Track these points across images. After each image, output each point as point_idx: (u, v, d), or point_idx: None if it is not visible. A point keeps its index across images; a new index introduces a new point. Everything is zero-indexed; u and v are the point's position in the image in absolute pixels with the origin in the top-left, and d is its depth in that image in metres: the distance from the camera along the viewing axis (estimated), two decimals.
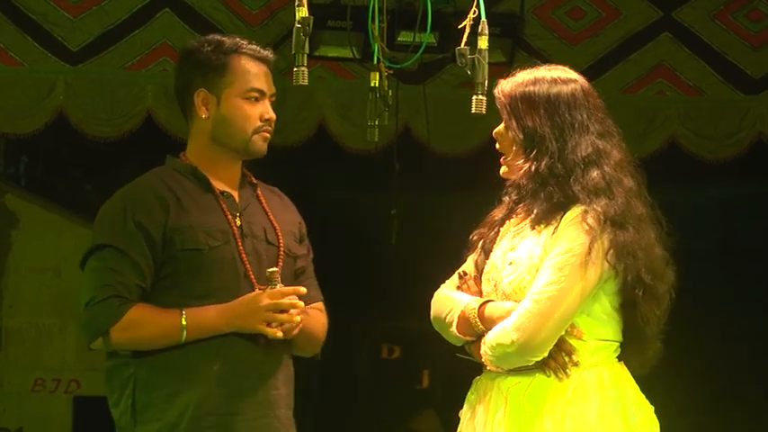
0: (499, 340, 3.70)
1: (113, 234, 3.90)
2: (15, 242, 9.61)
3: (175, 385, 3.88)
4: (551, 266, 3.70)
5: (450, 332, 3.82)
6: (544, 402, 3.72)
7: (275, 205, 4.13)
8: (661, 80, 7.42)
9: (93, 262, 3.92)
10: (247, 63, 4.01)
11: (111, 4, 7.15)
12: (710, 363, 8.75)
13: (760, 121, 7.43)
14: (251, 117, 4.00)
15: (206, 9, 7.16)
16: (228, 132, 4.01)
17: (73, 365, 9.57)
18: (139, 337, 3.86)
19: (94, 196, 9.52)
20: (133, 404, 3.90)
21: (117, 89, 7.20)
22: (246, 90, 4.00)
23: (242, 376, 3.93)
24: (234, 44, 4.02)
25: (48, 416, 9.44)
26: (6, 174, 9.69)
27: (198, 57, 4.02)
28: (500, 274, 3.83)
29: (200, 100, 4.01)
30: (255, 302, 3.90)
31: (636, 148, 7.29)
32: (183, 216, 3.90)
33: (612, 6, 7.38)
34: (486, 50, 3.50)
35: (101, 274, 3.89)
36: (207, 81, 4.00)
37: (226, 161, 4.04)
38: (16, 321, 9.58)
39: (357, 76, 6.95)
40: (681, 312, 3.84)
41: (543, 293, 3.67)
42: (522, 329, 3.66)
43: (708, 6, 7.38)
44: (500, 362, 3.74)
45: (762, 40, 7.41)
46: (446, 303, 3.85)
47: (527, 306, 3.67)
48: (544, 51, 7.33)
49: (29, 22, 7.09)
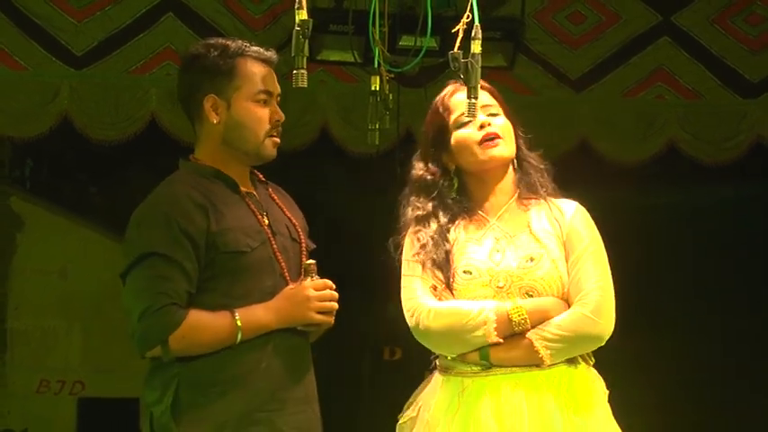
0: (583, 329, 3.79)
1: (159, 241, 3.83)
2: (21, 244, 9.62)
3: (222, 385, 3.85)
4: (592, 255, 3.85)
5: (474, 336, 3.80)
6: (590, 390, 3.85)
7: (286, 203, 4.14)
8: (660, 84, 7.42)
9: (142, 271, 3.83)
10: (253, 65, 4.00)
11: (115, 9, 7.15)
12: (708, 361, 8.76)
13: (758, 124, 7.44)
14: (262, 119, 3.99)
15: (209, 13, 7.16)
16: (241, 136, 3.99)
17: (78, 367, 9.58)
18: (198, 343, 3.83)
19: (99, 199, 9.54)
20: (176, 403, 3.85)
21: (121, 93, 7.20)
22: (256, 92, 3.98)
23: (285, 372, 3.93)
24: (238, 47, 4.00)
25: (52, 417, 9.44)
26: (12, 177, 9.70)
27: (204, 62, 3.99)
28: (516, 273, 3.84)
29: (209, 105, 3.98)
30: (302, 294, 3.91)
31: (636, 151, 7.42)
32: (222, 219, 3.89)
33: (612, 11, 7.38)
34: (480, 55, 3.49)
35: (153, 282, 3.81)
36: (215, 86, 3.97)
37: (237, 164, 4.03)
38: (21, 323, 9.59)
39: (359, 80, 6.96)
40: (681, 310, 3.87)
41: (602, 281, 3.82)
42: (606, 315, 3.80)
43: (707, 10, 7.38)
44: (572, 350, 3.82)
45: (760, 44, 7.41)
46: (461, 313, 3.82)
47: (598, 294, 3.80)
48: (545, 55, 7.33)
49: (33, 26, 7.10)
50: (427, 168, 4.01)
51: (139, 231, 3.87)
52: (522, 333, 3.80)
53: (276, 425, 3.88)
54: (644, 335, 7.33)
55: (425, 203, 3.98)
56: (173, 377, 3.85)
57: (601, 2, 7.38)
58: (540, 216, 3.93)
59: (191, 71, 4.02)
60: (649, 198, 8.65)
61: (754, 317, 8.73)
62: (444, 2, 5.86)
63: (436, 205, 3.97)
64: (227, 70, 3.97)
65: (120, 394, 9.25)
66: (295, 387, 3.95)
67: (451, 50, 3.58)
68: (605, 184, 7.68)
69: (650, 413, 5.21)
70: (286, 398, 3.92)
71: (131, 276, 3.85)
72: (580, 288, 3.82)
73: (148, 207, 3.92)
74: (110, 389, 9.17)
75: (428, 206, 3.97)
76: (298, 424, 3.93)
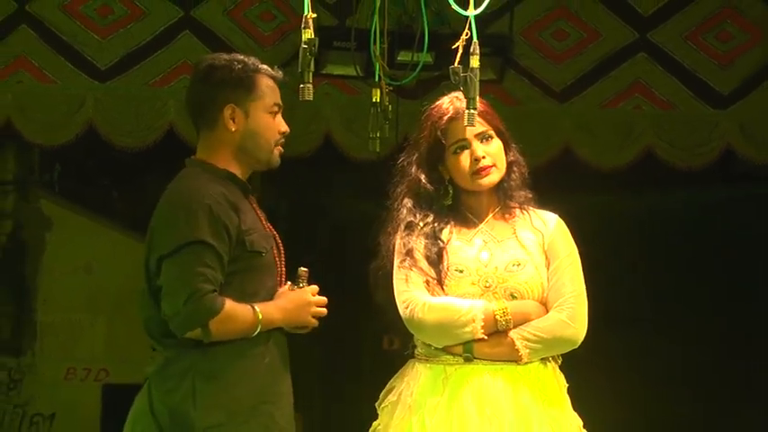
0: (560, 333, 3.87)
1: (206, 232, 3.81)
2: (49, 244, 9.63)
3: (234, 376, 3.85)
4: (570, 266, 3.93)
5: (463, 332, 3.84)
6: (557, 385, 3.94)
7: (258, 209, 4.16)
8: (638, 95, 7.42)
9: (189, 256, 3.80)
10: (267, 81, 4.02)
11: (136, 27, 7.16)
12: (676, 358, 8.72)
13: (728, 133, 7.43)
14: (274, 129, 4.00)
15: (223, 31, 7.17)
16: (257, 144, 3.99)
17: (102, 356, 9.58)
18: (230, 330, 3.81)
19: (121, 202, 9.54)
20: (194, 392, 3.84)
21: (141, 104, 7.20)
22: (271, 105, 3.99)
23: (280, 368, 3.94)
24: (254, 64, 4.03)
25: (79, 402, 9.45)
26: (41, 181, 9.70)
27: (225, 74, 3.98)
28: (502, 274, 3.89)
29: (228, 114, 3.96)
30: (304, 299, 3.94)
31: (615, 158, 7.42)
32: (246, 220, 3.90)
33: (593, 28, 7.38)
34: (478, 69, 3.49)
35: (200, 268, 3.79)
36: (235, 96, 3.97)
37: (245, 170, 4.03)
38: (50, 316, 9.59)
39: (360, 92, 6.95)
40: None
41: (577, 290, 3.90)
42: (580, 321, 3.89)
43: (680, 28, 7.38)
44: (548, 351, 3.90)
45: (729, 59, 7.41)
46: (453, 309, 3.86)
47: (574, 302, 3.88)
48: (531, 69, 7.33)
49: (61, 42, 7.10)
50: (427, 176, 4.02)
51: (187, 219, 3.83)
52: (504, 331, 3.86)
53: (275, 417, 3.89)
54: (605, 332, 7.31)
55: (421, 207, 4.00)
56: (188, 368, 3.84)
57: (582, 20, 7.38)
58: (525, 224, 3.98)
59: (210, 82, 4.00)
60: (625, 200, 8.65)
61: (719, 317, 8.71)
62: (439, 20, 5.86)
63: (431, 208, 3.99)
64: (248, 83, 3.98)
65: (141, 380, 9.24)
66: (285, 382, 3.96)
67: (447, 65, 3.59)
68: (586, 187, 7.73)
69: (610, 409, 5.19)
70: (281, 392, 3.94)
71: (178, 260, 3.82)
72: (558, 295, 3.90)
73: (191, 197, 3.88)
74: (131, 376, 9.14)
75: (424, 209, 3.99)
76: (288, 417, 3.94)
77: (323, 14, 6.91)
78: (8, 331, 9.59)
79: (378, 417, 4.03)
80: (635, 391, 8.43)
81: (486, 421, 3.81)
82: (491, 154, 3.95)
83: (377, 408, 4.03)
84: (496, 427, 3.81)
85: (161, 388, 3.90)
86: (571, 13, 7.38)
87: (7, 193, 9.66)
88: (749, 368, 8.70)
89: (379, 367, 4.26)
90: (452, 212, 4.00)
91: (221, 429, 3.81)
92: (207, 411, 3.82)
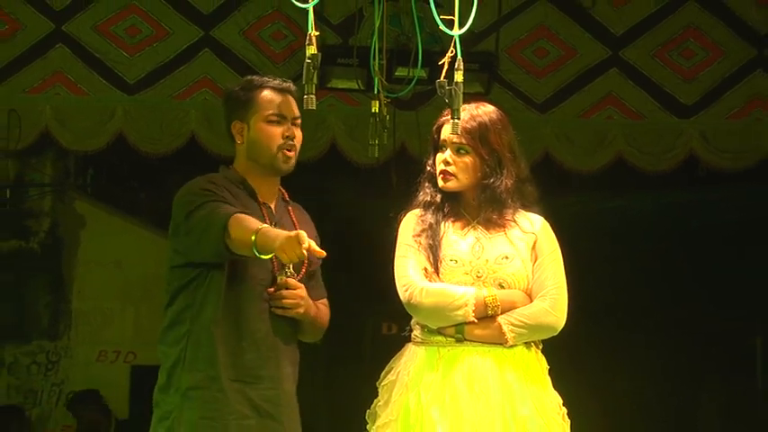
0: (542, 319, 3.91)
1: (206, 195, 3.90)
2: (83, 240, 9.63)
3: (216, 346, 3.88)
4: (553, 262, 3.96)
5: (456, 315, 3.87)
6: (539, 366, 3.96)
7: (301, 220, 4.14)
8: (610, 107, 7.41)
9: (199, 212, 3.86)
10: (269, 94, 4.03)
11: (161, 45, 7.15)
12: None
13: (691, 140, 7.42)
14: (274, 136, 4.01)
15: (239, 49, 7.17)
16: (258, 150, 4.03)
17: (130, 340, 9.59)
18: (238, 232, 3.76)
19: (147, 202, 9.54)
20: (185, 356, 3.91)
21: (166, 114, 7.20)
22: (267, 115, 4.02)
23: (261, 355, 3.93)
24: (261, 81, 4.06)
25: (110, 381, 9.45)
26: (76, 183, 9.71)
27: (231, 96, 4.08)
28: (492, 266, 3.92)
29: (236, 130, 4.05)
30: (295, 239, 3.71)
31: (590, 162, 7.42)
32: None
33: (570, 46, 7.37)
34: (462, 83, 3.50)
35: (208, 206, 3.85)
36: (238, 114, 4.05)
37: (263, 178, 4.05)
38: (84, 305, 9.60)
39: (361, 104, 6.94)
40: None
41: (559, 283, 3.93)
42: (561, 310, 3.92)
43: (648, 46, 7.38)
44: (531, 335, 3.93)
45: (693, 74, 7.40)
46: (448, 294, 3.88)
47: (556, 293, 3.91)
48: (515, 83, 7.33)
49: (94, 59, 7.10)
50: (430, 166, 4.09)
51: (189, 193, 3.94)
52: (493, 316, 3.88)
53: (249, 395, 3.90)
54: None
55: (434, 194, 4.03)
56: (184, 335, 3.93)
57: (561, 39, 7.37)
58: (515, 224, 3.99)
59: (225, 104, 4.11)
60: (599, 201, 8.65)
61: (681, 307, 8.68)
62: (432, 40, 5.85)
63: (438, 198, 4.02)
64: (247, 100, 4.04)
65: None
66: (269, 368, 3.95)
67: (438, 79, 3.59)
68: (565, 188, 7.73)
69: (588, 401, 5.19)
70: (261, 375, 3.93)
71: (190, 223, 3.88)
72: (542, 287, 3.94)
73: (188, 185, 3.99)
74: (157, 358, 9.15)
75: (436, 197, 4.02)
76: (270, 398, 3.94)
77: (328, 34, 6.92)
78: (47, 318, 9.59)
79: (378, 395, 4.04)
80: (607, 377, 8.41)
81: (475, 397, 3.83)
82: (457, 164, 3.97)
83: (377, 386, 4.04)
84: (484, 402, 3.83)
85: (162, 357, 4.00)
86: (551, 32, 7.38)
87: (45, 195, 9.66)
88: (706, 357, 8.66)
89: (378, 350, 4.26)
90: (452, 209, 4.01)
91: (199, 392, 3.87)
92: (192, 374, 3.89)
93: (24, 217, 9.59)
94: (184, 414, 3.89)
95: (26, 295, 9.56)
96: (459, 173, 3.97)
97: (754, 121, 7.38)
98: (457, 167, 3.97)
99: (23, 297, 9.55)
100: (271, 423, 3.93)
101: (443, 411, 3.83)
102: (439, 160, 4.00)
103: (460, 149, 3.98)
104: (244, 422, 3.88)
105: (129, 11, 7.13)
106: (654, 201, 8.71)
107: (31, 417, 9.40)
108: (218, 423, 3.86)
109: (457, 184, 3.98)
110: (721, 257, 8.65)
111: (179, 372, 3.93)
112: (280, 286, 3.95)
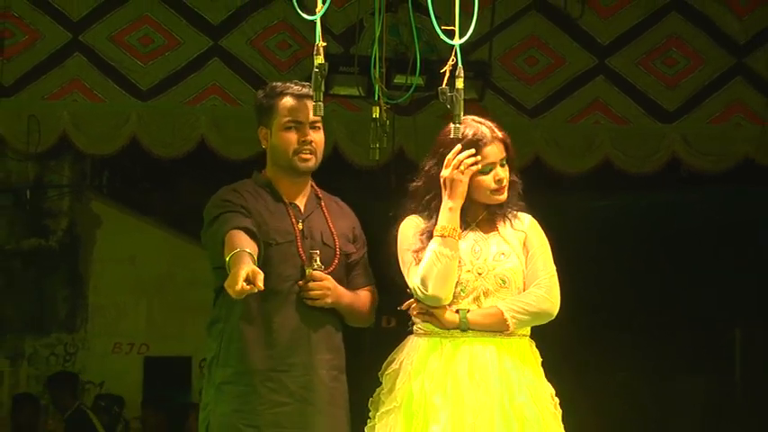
0: (541, 305, 3.93)
1: (224, 206, 3.94)
2: (99, 238, 9.64)
3: (246, 342, 3.91)
4: (543, 254, 3.98)
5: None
6: (533, 356, 3.98)
7: (334, 213, 4.15)
8: (597, 112, 7.41)
9: (213, 225, 3.92)
10: (289, 101, 4.04)
11: (173, 54, 7.15)
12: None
13: (674, 144, 7.43)
14: (291, 142, 4.03)
15: (246, 58, 7.16)
16: (278, 155, 4.06)
17: (143, 332, 9.60)
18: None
19: (160, 202, 9.54)
20: (219, 352, 3.95)
21: (177, 120, 7.20)
22: (285, 122, 4.04)
23: (293, 344, 3.95)
24: (282, 88, 4.08)
25: (124, 371, 9.46)
26: (92, 185, 9.72)
27: (257, 103, 4.12)
28: (491, 264, 3.93)
29: (261, 135, 4.10)
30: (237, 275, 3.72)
31: (578, 165, 7.41)
32: (264, 214, 3.97)
33: (559, 55, 7.38)
34: (462, 89, 3.50)
35: (221, 218, 3.91)
36: (263, 120, 4.09)
37: (288, 178, 4.08)
38: (100, 299, 9.61)
39: (362, 110, 6.94)
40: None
41: (551, 272, 3.96)
42: (555, 296, 3.95)
43: (633, 55, 7.38)
44: (531, 321, 3.95)
45: (675, 82, 7.40)
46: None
47: (549, 281, 3.95)
48: (507, 90, 7.33)
49: (109, 67, 7.10)
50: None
51: (210, 208, 3.98)
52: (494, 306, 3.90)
53: (285, 383, 3.92)
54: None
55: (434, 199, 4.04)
56: (220, 332, 3.96)
57: (550, 48, 7.38)
58: (506, 223, 4.01)
59: (254, 110, 4.14)
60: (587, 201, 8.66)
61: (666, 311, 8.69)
62: (429, 49, 5.85)
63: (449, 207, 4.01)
64: (268, 107, 4.07)
65: (176, 353, 9.25)
66: (301, 356, 3.96)
67: (436, 86, 3.60)
68: (554, 190, 7.73)
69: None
70: (292, 363, 3.95)
71: (207, 230, 3.96)
72: (535, 276, 3.96)
73: (213, 198, 4.03)
74: (168, 349, 9.18)
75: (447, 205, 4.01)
76: (302, 383, 3.95)
77: (331, 43, 6.90)
78: (64, 312, 9.60)
79: (381, 384, 4.04)
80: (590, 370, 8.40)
81: (476, 385, 3.85)
82: (505, 178, 4.00)
83: (380, 376, 4.04)
84: (484, 389, 3.84)
85: (208, 345, 4.02)
86: (541, 42, 7.38)
87: (63, 196, 9.67)
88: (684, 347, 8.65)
89: (378, 343, 4.26)
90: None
91: (230, 386, 3.90)
92: (224, 368, 3.93)
93: (43, 216, 9.60)
94: (219, 407, 3.94)
95: (45, 290, 9.57)
96: (506, 186, 4.01)
97: (734, 125, 7.39)
98: (505, 181, 4.00)
99: (43, 292, 9.56)
100: (307, 407, 3.94)
101: (445, 398, 3.84)
102: (489, 179, 3.97)
103: (503, 163, 4.01)
104: (279, 410, 3.91)
105: (142, 22, 7.13)
106: (637, 201, 8.72)
107: (47, 406, 9.40)
108: (250, 415, 3.90)
109: (505, 197, 4.01)
110: (702, 255, 8.66)
111: (214, 367, 3.97)
112: (307, 279, 3.98)
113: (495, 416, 3.82)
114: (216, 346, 3.97)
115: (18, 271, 9.53)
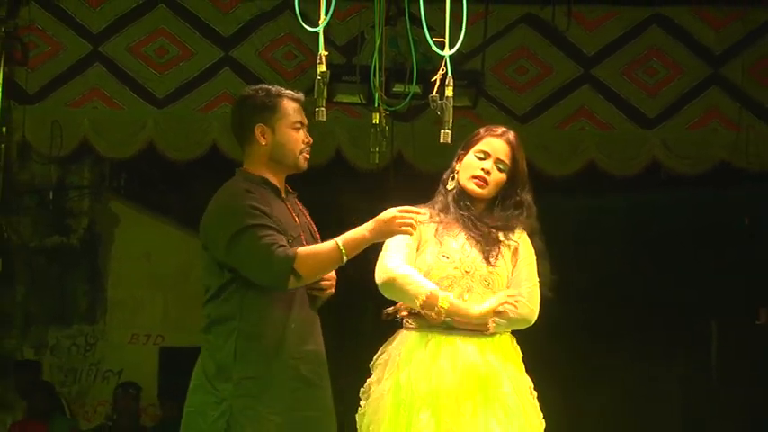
0: (521, 310, 3.93)
1: (249, 219, 3.82)
2: (117, 236, 9.62)
3: (264, 339, 3.85)
4: (528, 265, 3.99)
5: (406, 295, 3.92)
6: (514, 352, 4.00)
7: (301, 207, 4.15)
8: (583, 119, 7.42)
9: (245, 236, 3.79)
10: (289, 103, 4.02)
11: (187, 64, 7.18)
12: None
13: (654, 148, 7.43)
14: (298, 141, 4.00)
15: (255, 68, 7.18)
16: (284, 153, 3.99)
17: (159, 324, 9.57)
18: (317, 265, 3.80)
19: (175, 203, 9.53)
20: (235, 350, 3.85)
21: (191, 125, 7.22)
22: (294, 122, 3.99)
23: (305, 333, 3.93)
24: (278, 90, 4.04)
25: (141, 361, 9.45)
26: (111, 186, 9.70)
27: (255, 100, 4.01)
28: (479, 264, 3.94)
29: (259, 132, 3.99)
30: (389, 213, 3.82)
31: (565, 168, 7.42)
32: (274, 212, 3.90)
33: (548, 65, 7.39)
34: (452, 97, 3.52)
35: (262, 239, 3.78)
36: (263, 117, 3.99)
37: (280, 176, 4.03)
38: (118, 293, 9.59)
39: (363, 116, 6.95)
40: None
41: (533, 282, 3.96)
42: (535, 304, 3.96)
43: (617, 65, 7.39)
44: (510, 325, 3.95)
45: (656, 90, 7.41)
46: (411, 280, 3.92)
47: (531, 290, 3.95)
48: (498, 98, 7.34)
49: (127, 77, 7.13)
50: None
51: (234, 214, 3.85)
52: None
53: (301, 370, 3.89)
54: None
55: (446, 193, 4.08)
56: (233, 329, 3.86)
57: (539, 59, 7.39)
58: (502, 234, 4.02)
59: (244, 108, 4.03)
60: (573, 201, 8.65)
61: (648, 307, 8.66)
62: (426, 59, 5.85)
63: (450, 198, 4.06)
64: (272, 106, 3.99)
65: (190, 344, 9.23)
66: (312, 341, 3.95)
67: (431, 94, 3.61)
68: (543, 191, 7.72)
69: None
70: (308, 350, 3.93)
71: (238, 245, 3.81)
72: (519, 283, 3.97)
73: (234, 198, 3.90)
74: (183, 340, 9.14)
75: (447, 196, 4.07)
76: (315, 369, 3.94)
77: (334, 54, 6.92)
78: (85, 305, 9.59)
79: (372, 374, 4.06)
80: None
81: (459, 373, 3.85)
82: (493, 177, 4.01)
83: (370, 367, 4.06)
84: (467, 378, 3.86)
85: (211, 344, 3.91)
86: (530, 52, 7.40)
87: (84, 196, 9.65)
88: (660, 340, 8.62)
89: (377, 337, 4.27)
90: (448, 213, 4.03)
91: (253, 381, 3.84)
92: (244, 365, 3.84)
93: (65, 216, 9.59)
94: (239, 401, 3.83)
95: (67, 285, 9.56)
96: (491, 185, 3.99)
97: (711, 131, 7.40)
98: (491, 179, 3.99)
99: (65, 287, 9.55)
100: (317, 391, 3.93)
101: (429, 386, 3.85)
102: (478, 165, 3.99)
103: (500, 166, 3.99)
104: (295, 395, 3.87)
105: (158, 34, 7.16)
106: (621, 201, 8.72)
107: (70, 392, 9.40)
108: (272, 401, 3.84)
109: (485, 192, 3.99)
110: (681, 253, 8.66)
111: (231, 363, 3.85)
112: None
113: (479, 402, 3.83)
114: (231, 344, 3.85)
115: (42, 267, 9.52)
